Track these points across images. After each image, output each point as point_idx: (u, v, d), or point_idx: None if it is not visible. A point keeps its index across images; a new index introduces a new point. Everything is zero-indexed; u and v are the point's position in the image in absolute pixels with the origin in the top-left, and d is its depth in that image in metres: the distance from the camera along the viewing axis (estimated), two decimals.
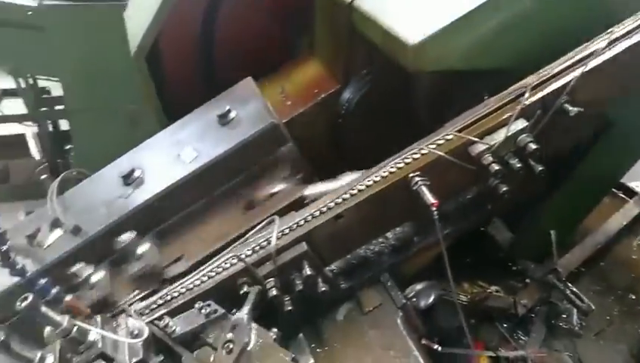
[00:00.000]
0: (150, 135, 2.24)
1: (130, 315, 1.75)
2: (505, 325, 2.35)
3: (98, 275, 1.89)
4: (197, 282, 1.74)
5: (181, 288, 1.76)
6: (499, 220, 2.57)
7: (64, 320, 1.60)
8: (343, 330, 1.79)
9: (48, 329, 1.70)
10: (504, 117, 1.61)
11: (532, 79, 1.65)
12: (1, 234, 1.55)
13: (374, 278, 1.85)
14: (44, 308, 1.55)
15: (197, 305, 1.63)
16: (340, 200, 1.69)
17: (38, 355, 1.64)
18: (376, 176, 1.68)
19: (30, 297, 1.51)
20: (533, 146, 1.56)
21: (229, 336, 1.50)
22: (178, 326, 1.64)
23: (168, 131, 2.23)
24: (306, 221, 1.71)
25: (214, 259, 1.73)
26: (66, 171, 2.32)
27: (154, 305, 1.78)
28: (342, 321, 1.82)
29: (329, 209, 1.70)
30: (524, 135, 1.58)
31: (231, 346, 1.48)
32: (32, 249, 2.03)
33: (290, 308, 1.70)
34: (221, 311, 1.60)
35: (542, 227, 2.25)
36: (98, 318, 1.74)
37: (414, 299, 1.91)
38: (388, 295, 1.80)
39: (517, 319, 2.34)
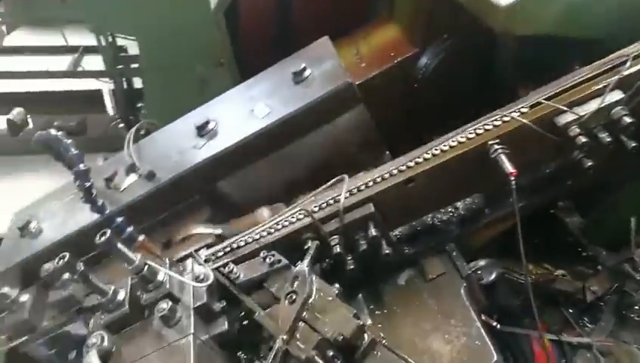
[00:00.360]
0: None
1: (196, 260, 1.80)
2: (571, 311, 2.25)
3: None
4: (264, 233, 1.77)
5: (248, 237, 1.79)
6: (570, 203, 2.45)
7: (137, 258, 1.67)
8: (403, 294, 1.78)
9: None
10: (598, 87, 1.51)
11: (633, 49, 1.53)
12: (85, 171, 1.63)
13: (438, 247, 1.82)
14: (119, 245, 1.63)
15: (261, 254, 1.66)
16: (412, 164, 1.66)
17: (112, 288, 1.73)
18: (453, 141, 1.62)
19: (108, 233, 1.59)
20: (628, 120, 1.46)
21: (293, 287, 1.52)
22: (242, 273, 1.68)
23: (242, 86, 2.25)
24: (374, 183, 1.69)
25: (283, 211, 1.75)
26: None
27: (220, 253, 1.82)
28: (403, 286, 1.80)
29: (400, 171, 1.67)
30: (619, 108, 1.48)
31: (294, 297, 1.50)
32: (109, 191, 2.12)
33: (352, 267, 1.70)
34: (284, 261, 1.63)
35: (621, 212, 2.13)
36: (167, 260, 1.81)
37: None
38: (453, 264, 1.77)
39: (584, 305, 2.24)
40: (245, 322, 1.77)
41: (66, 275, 1.87)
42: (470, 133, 1.62)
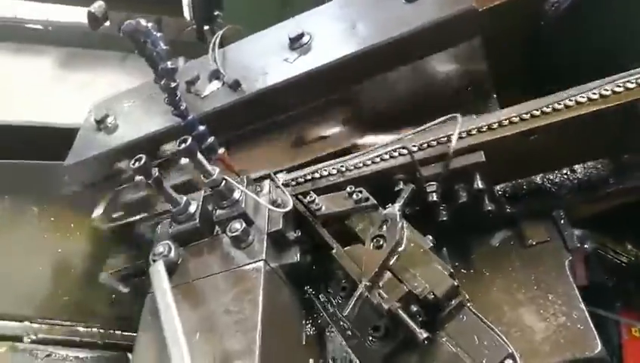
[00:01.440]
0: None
1: (276, 184, 1.68)
2: None
3: None
4: (351, 166, 1.61)
5: (332, 168, 1.64)
6: None
7: (215, 171, 1.55)
8: (495, 256, 1.60)
9: None
10: None
11: None
12: (172, 70, 1.49)
13: (543, 211, 1.60)
14: (199, 155, 1.51)
15: (348, 189, 1.51)
16: (537, 113, 1.42)
17: (184, 198, 1.64)
18: (593, 93, 1.37)
19: (189, 140, 1.47)
20: None
21: (380, 231, 1.37)
22: (324, 205, 1.54)
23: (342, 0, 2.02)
24: (489, 129, 1.47)
25: (377, 145, 1.57)
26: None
27: (301, 180, 1.69)
28: (495, 247, 1.62)
29: (522, 120, 1.44)
30: None
31: (381, 242, 1.35)
32: (190, 95, 2.00)
33: (444, 218, 1.52)
34: (372, 200, 1.47)
35: None
36: (244, 178, 1.69)
37: None
38: (558, 233, 1.55)
39: None
40: (317, 256, 1.66)
41: (141, 178, 1.81)
42: (618, 86, 1.35)
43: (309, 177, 1.67)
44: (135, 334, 2.38)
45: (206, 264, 1.59)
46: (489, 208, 1.47)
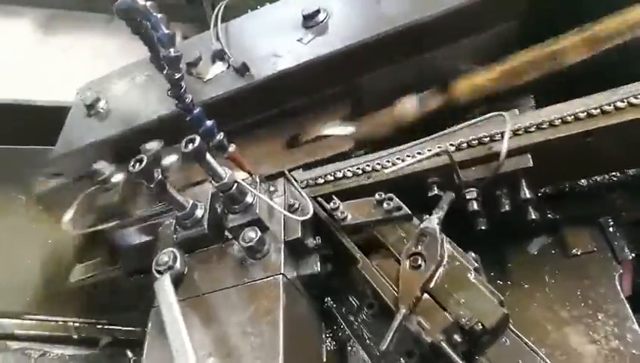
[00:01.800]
0: None
1: (293, 186, 1.50)
2: None
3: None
4: (378, 166, 1.44)
5: (357, 168, 1.47)
6: None
7: (226, 174, 1.38)
8: (534, 266, 1.46)
9: None
10: None
11: None
12: (176, 58, 1.28)
13: (588, 217, 1.45)
14: (208, 156, 1.33)
15: (377, 196, 1.34)
16: (596, 112, 1.25)
17: (190, 201, 1.47)
18: None
19: (197, 140, 1.28)
20: None
21: (418, 248, 1.21)
22: (349, 213, 1.38)
23: None
24: (539, 129, 1.30)
25: (409, 143, 1.40)
26: None
27: (321, 180, 1.51)
28: (534, 256, 1.48)
29: (577, 119, 1.26)
30: None
31: (419, 261, 1.19)
32: (191, 78, 1.80)
33: (483, 227, 1.37)
34: (405, 210, 1.31)
35: None
36: (257, 179, 1.52)
37: None
38: (606, 242, 1.41)
39: None
40: (337, 263, 1.51)
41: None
42: None
43: (330, 177, 1.50)
44: (132, 328, 2.29)
45: (217, 275, 1.43)
46: (534, 217, 1.32)
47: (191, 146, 1.29)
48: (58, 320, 2.24)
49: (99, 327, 2.28)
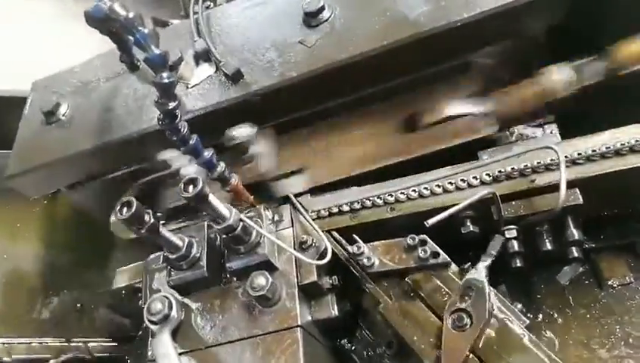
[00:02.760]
0: None
1: (304, 217, 1.32)
2: None
3: (261, 146, 1.41)
4: (402, 196, 1.27)
5: (377, 198, 1.29)
6: None
7: (231, 214, 1.18)
8: (566, 298, 1.36)
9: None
10: None
11: None
12: (170, 84, 1.04)
13: (625, 246, 1.35)
14: (211, 197, 1.12)
15: (409, 241, 1.18)
16: None
17: (186, 240, 1.27)
18: None
19: (200, 183, 1.07)
20: None
21: (462, 303, 1.07)
22: (376, 258, 1.22)
23: None
24: (588, 160, 1.15)
25: (439, 171, 1.23)
26: None
27: (335, 209, 1.34)
28: (566, 286, 1.37)
29: (633, 151, 1.13)
30: None
31: (465, 320, 1.05)
32: None
33: (519, 265, 1.24)
34: (444, 257, 1.16)
35: None
36: (263, 211, 1.32)
37: None
38: None
39: None
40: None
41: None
42: None
43: (345, 208, 1.32)
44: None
45: (222, 324, 1.27)
46: (577, 255, 1.20)
47: (191, 188, 1.08)
48: (28, 342, 2.05)
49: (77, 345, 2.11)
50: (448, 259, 1.14)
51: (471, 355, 1.04)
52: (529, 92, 1.29)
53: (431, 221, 1.06)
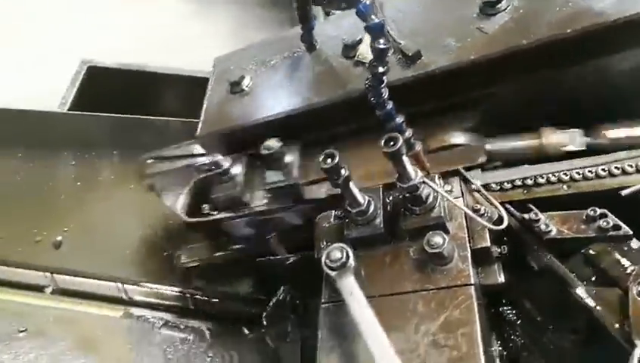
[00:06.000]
0: None
1: (477, 188, 1.41)
2: None
3: None
4: (577, 175, 1.33)
5: (552, 175, 1.36)
6: None
7: (417, 175, 1.30)
8: None
9: None
10: None
11: None
12: (384, 50, 1.18)
13: None
14: (404, 157, 1.25)
15: (589, 212, 1.24)
16: None
17: (367, 198, 1.40)
18: None
19: (400, 141, 1.20)
20: None
21: None
22: (553, 226, 1.28)
23: None
24: None
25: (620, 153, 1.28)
26: None
27: (507, 185, 1.42)
28: None
29: None
30: None
31: None
32: (346, 61, 1.70)
33: None
34: (625, 229, 1.20)
35: None
36: (437, 179, 1.43)
37: None
38: None
39: None
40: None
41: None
42: None
43: (518, 183, 1.39)
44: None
45: (392, 278, 1.38)
46: None
47: (392, 145, 1.21)
48: (175, 291, 2.26)
49: (214, 300, 2.29)
50: (631, 232, 1.18)
51: None
52: (525, 144, 1.47)
53: (626, 191, 1.11)
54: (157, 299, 2.25)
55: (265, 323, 2.35)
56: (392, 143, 1.21)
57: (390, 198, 1.47)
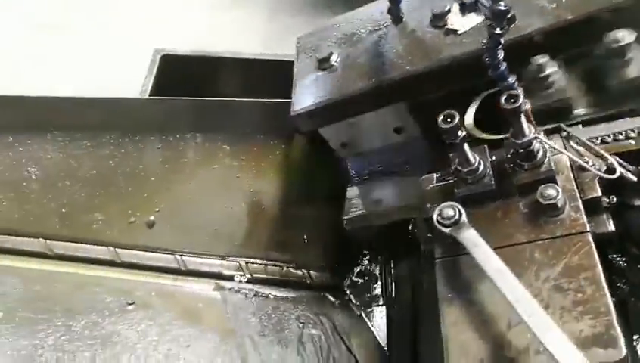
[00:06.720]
0: None
1: (580, 141, 1.48)
2: None
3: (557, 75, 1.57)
4: None
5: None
6: None
7: (530, 131, 1.37)
8: None
9: None
10: None
11: None
12: (504, 12, 1.25)
13: None
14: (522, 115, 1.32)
15: None
16: None
17: (477, 158, 1.48)
18: None
19: (521, 99, 1.28)
20: None
21: None
22: None
23: None
24: None
25: None
26: None
27: (608, 137, 1.48)
28: None
29: None
30: None
31: None
32: (436, 31, 1.76)
33: None
34: None
35: None
36: (542, 134, 1.50)
37: None
38: None
39: None
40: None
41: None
42: None
43: (620, 136, 1.46)
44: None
45: (505, 231, 1.45)
46: None
47: (512, 102, 1.29)
48: (265, 262, 2.38)
49: (300, 272, 2.40)
50: None
51: None
52: None
53: None
54: (245, 272, 2.36)
55: (347, 291, 2.48)
56: (512, 100, 1.28)
57: (494, 157, 1.54)
